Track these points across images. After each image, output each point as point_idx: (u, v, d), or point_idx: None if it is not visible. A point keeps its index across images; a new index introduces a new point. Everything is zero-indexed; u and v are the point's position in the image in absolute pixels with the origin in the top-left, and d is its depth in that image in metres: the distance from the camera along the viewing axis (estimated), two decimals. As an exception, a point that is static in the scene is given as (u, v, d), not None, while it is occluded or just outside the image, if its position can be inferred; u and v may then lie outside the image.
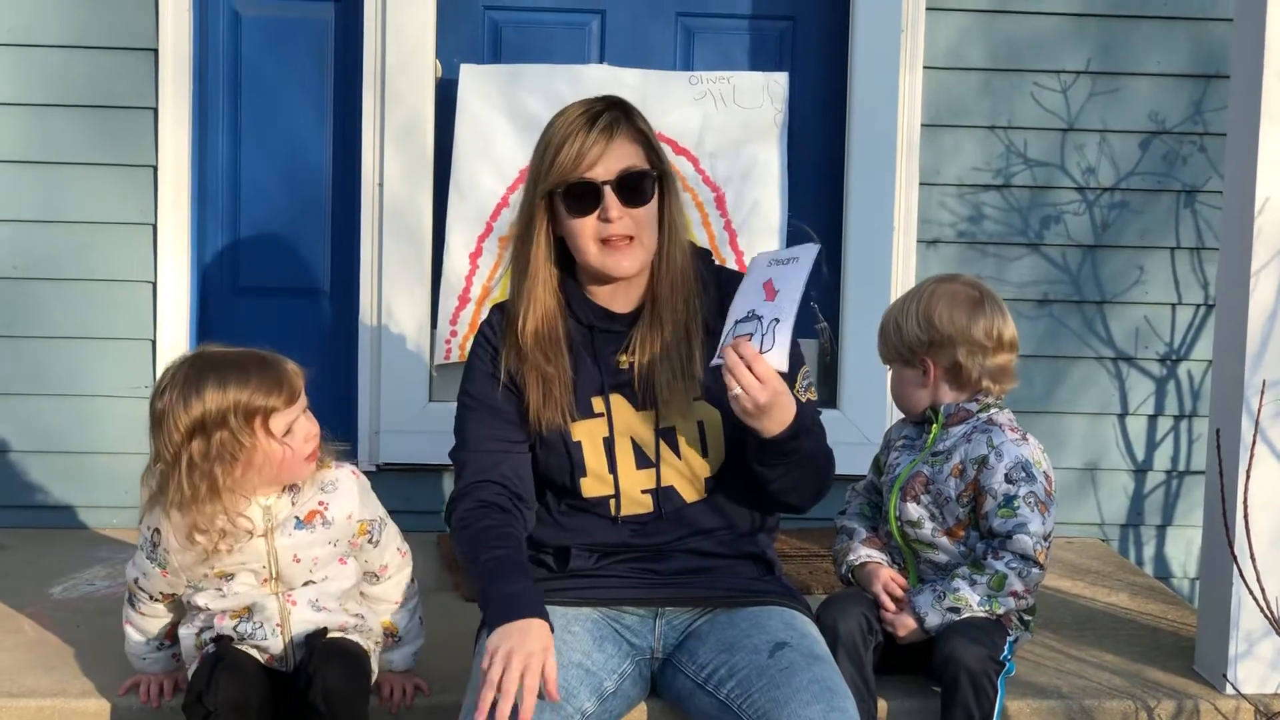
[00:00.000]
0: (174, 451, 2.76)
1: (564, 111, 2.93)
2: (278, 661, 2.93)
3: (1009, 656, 3.12)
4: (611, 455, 2.94)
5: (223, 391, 2.75)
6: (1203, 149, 4.52)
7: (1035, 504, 3.11)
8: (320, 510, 2.89)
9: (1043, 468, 3.17)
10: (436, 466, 4.34)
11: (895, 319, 3.25)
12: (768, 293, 2.79)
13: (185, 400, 2.75)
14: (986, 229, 4.52)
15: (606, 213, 2.86)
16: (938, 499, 3.19)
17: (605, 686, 2.83)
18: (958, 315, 3.18)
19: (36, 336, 4.38)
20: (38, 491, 4.41)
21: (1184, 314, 4.58)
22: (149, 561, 2.91)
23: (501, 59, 4.52)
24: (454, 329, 4.43)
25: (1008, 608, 3.13)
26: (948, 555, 3.20)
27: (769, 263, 2.83)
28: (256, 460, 2.79)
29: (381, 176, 4.39)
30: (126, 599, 3.04)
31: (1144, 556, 4.65)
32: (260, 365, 2.80)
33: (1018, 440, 3.18)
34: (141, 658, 3.08)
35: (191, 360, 2.82)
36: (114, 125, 4.35)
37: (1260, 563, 3.17)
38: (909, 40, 4.43)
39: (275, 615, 2.90)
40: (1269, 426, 3.26)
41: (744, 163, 4.45)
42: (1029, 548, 3.09)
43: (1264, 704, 3.24)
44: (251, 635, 2.91)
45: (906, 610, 3.14)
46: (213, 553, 2.82)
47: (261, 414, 2.77)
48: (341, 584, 2.95)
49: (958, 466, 3.18)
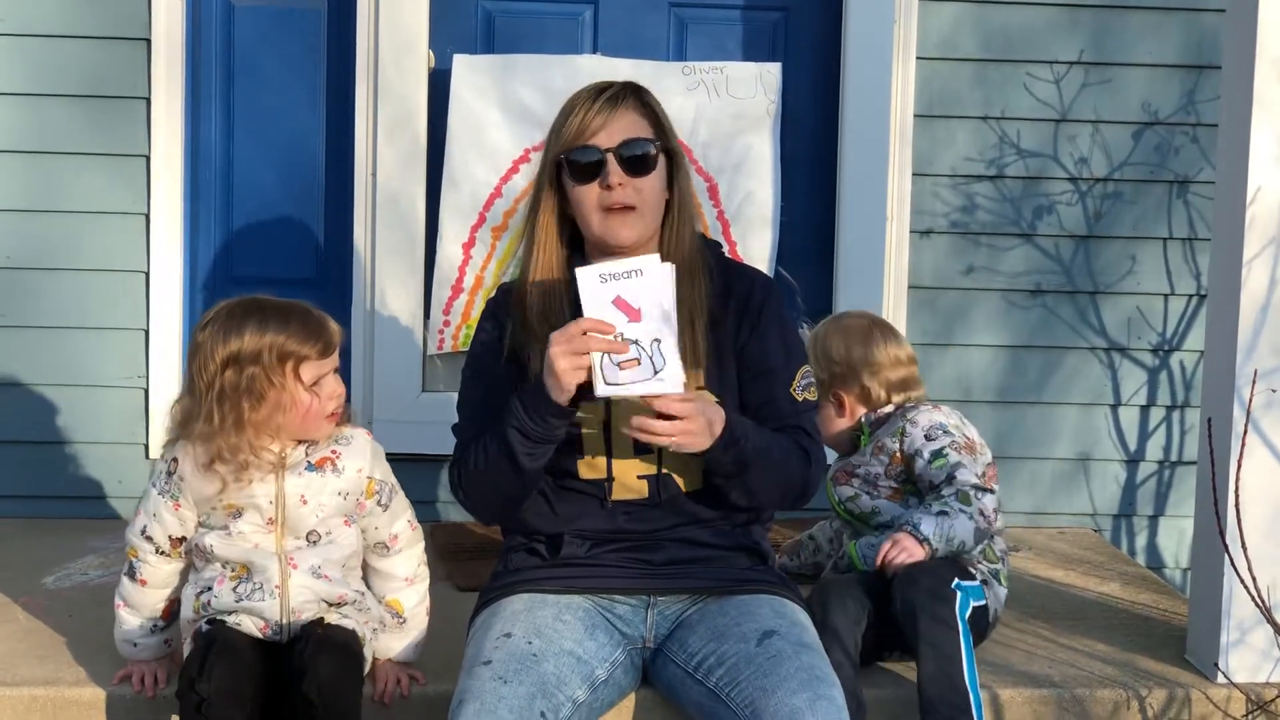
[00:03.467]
0: (207, 381, 2.87)
1: (577, 90, 2.99)
2: (273, 630, 2.94)
3: (980, 600, 3.19)
4: (609, 438, 2.95)
5: (262, 332, 2.87)
6: (1195, 139, 4.52)
7: (960, 448, 3.34)
8: (332, 459, 2.97)
9: (959, 427, 3.39)
10: (431, 456, 4.34)
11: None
12: (626, 312, 2.72)
13: (225, 334, 2.88)
14: (979, 219, 4.53)
15: (608, 179, 2.89)
16: (866, 478, 3.42)
17: (597, 675, 2.84)
18: (852, 345, 3.49)
19: (29, 326, 4.38)
20: (30, 481, 4.41)
21: (1176, 304, 4.59)
22: (161, 497, 2.96)
23: (495, 49, 4.51)
24: (447, 319, 4.43)
25: (980, 527, 3.24)
26: (892, 515, 3.38)
27: (600, 278, 2.72)
28: (284, 402, 2.88)
29: (375, 166, 4.39)
30: (124, 573, 3.04)
31: (1136, 546, 4.66)
32: (303, 315, 2.93)
33: (930, 410, 3.42)
34: (134, 643, 3.07)
35: (241, 300, 2.94)
36: (107, 115, 4.35)
37: (1252, 552, 3.18)
38: (902, 30, 4.43)
39: (275, 577, 2.92)
40: (1260, 416, 3.27)
41: (737, 153, 4.46)
42: (972, 479, 3.28)
43: (1255, 693, 3.25)
44: (249, 597, 2.92)
45: (903, 537, 3.20)
46: (231, 484, 2.89)
47: (294, 359, 2.88)
48: (344, 549, 2.98)
49: (877, 446, 3.41)
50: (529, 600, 2.92)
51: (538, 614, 2.87)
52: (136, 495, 3.17)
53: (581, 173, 2.92)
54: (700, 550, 2.99)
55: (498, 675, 2.70)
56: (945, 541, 3.19)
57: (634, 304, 2.71)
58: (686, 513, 2.98)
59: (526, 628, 2.83)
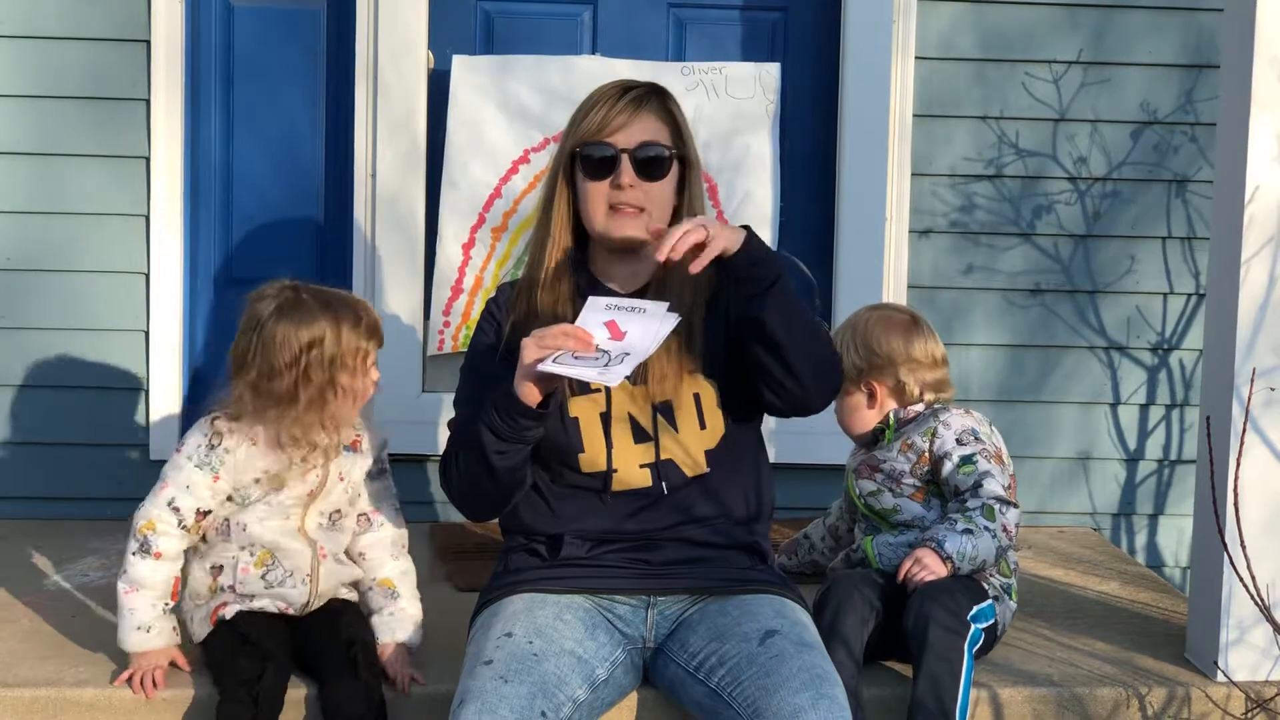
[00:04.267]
0: (286, 364, 3.03)
1: (603, 85, 3.02)
2: (295, 611, 3.15)
3: (989, 621, 3.18)
4: (608, 431, 2.95)
5: (338, 324, 3.06)
6: (1194, 139, 4.53)
7: (990, 458, 3.33)
8: (359, 439, 3.20)
9: (989, 433, 3.39)
10: (430, 457, 4.35)
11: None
12: (612, 331, 2.75)
13: (301, 322, 3.05)
14: (978, 219, 4.53)
15: (619, 179, 2.91)
16: (890, 474, 3.39)
17: (597, 674, 2.84)
18: (894, 338, 3.45)
19: (29, 328, 4.38)
20: (31, 482, 4.41)
21: (1175, 303, 4.59)
22: (199, 469, 3.06)
23: (494, 50, 4.52)
24: (447, 319, 4.43)
25: (1002, 546, 3.24)
26: (913, 514, 3.36)
27: (607, 306, 2.78)
28: (355, 389, 3.09)
29: (374, 167, 4.40)
30: (132, 553, 3.07)
31: (1135, 545, 4.66)
32: (365, 308, 3.15)
33: (962, 414, 3.40)
34: (147, 628, 3.08)
35: (305, 287, 3.12)
36: (106, 116, 4.35)
37: (1251, 550, 3.19)
38: (900, 30, 4.44)
39: (306, 566, 3.12)
40: (1259, 415, 3.27)
41: (736, 153, 4.46)
42: (999, 491, 3.27)
43: (1255, 691, 3.25)
44: (281, 583, 3.11)
45: (926, 554, 3.17)
46: (297, 463, 3.07)
47: (363, 352, 3.10)
48: (349, 531, 3.19)
49: (905, 443, 3.39)
50: (529, 600, 2.93)
51: (538, 614, 2.88)
52: (137, 496, 3.17)
53: (595, 168, 2.94)
54: (700, 550, 2.99)
55: (499, 675, 2.70)
56: (969, 561, 3.18)
57: (623, 328, 2.75)
58: (686, 511, 2.98)
59: (527, 628, 2.83)
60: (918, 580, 3.15)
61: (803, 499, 4.24)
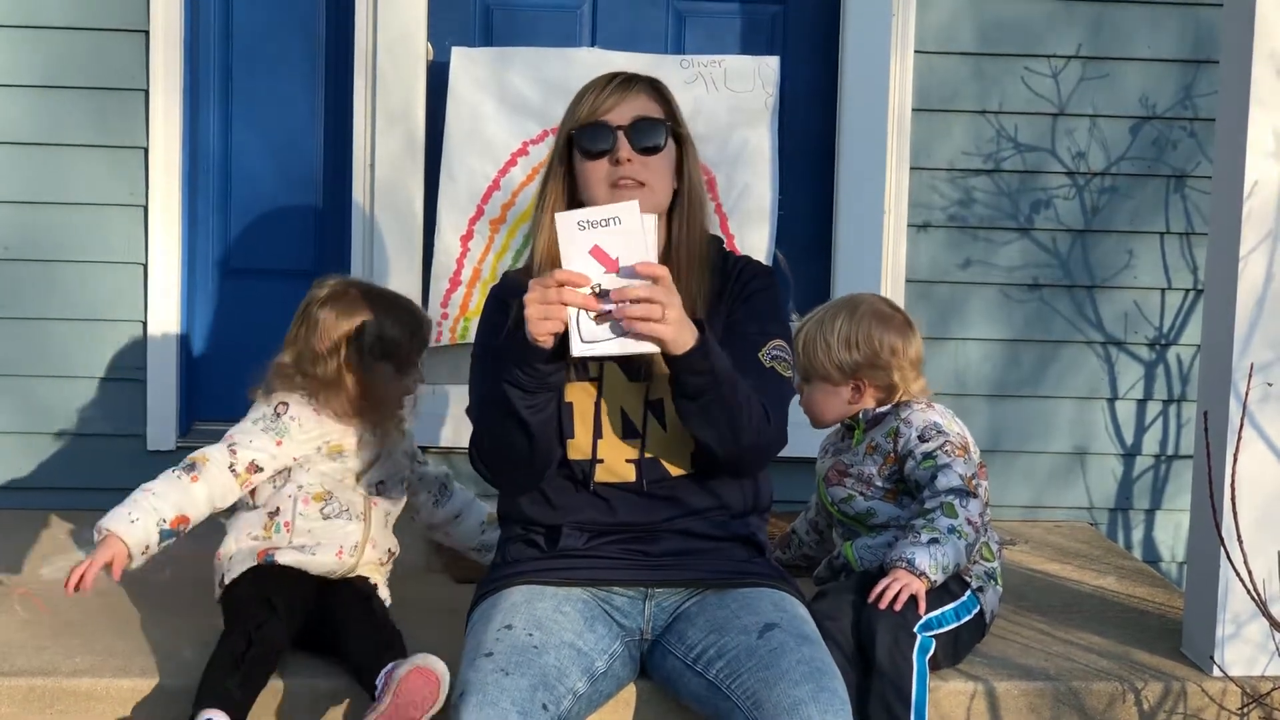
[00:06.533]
0: (329, 348, 3.24)
1: (593, 78, 3.03)
2: (346, 552, 3.27)
3: (949, 626, 3.16)
4: (598, 421, 2.95)
5: (378, 320, 3.27)
6: (1192, 134, 4.53)
7: (952, 450, 3.27)
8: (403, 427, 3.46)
9: (953, 427, 3.33)
10: (428, 449, 4.35)
11: (823, 339, 3.39)
12: (604, 262, 2.65)
13: (348, 314, 3.27)
14: (977, 213, 4.53)
15: (617, 154, 2.91)
16: (859, 478, 3.35)
17: (596, 666, 2.84)
18: (892, 338, 3.37)
19: (26, 317, 4.38)
20: (28, 472, 4.41)
21: (1173, 298, 4.59)
22: (266, 433, 3.24)
23: (493, 42, 4.52)
24: (445, 311, 4.43)
25: (969, 541, 3.18)
26: (888, 515, 3.32)
27: (580, 226, 2.65)
28: (400, 383, 3.32)
29: (373, 159, 4.39)
30: (172, 468, 3.20)
31: (1132, 540, 4.67)
32: (412, 312, 3.39)
33: (923, 409, 3.35)
34: (132, 519, 3.11)
35: (360, 285, 3.37)
36: (105, 107, 4.35)
37: (1247, 545, 3.19)
38: (899, 24, 4.44)
39: (360, 506, 3.29)
40: (1257, 410, 3.27)
41: (735, 146, 4.46)
42: (955, 481, 3.21)
43: (1251, 686, 3.26)
44: (338, 515, 3.26)
45: (900, 573, 3.12)
46: (370, 438, 3.30)
47: (404, 349, 3.31)
48: (399, 503, 3.44)
49: (870, 445, 3.35)
50: (528, 592, 2.93)
51: (537, 606, 2.88)
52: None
53: (593, 147, 2.93)
54: (697, 542, 2.99)
55: (500, 667, 2.70)
56: (942, 571, 3.14)
57: (611, 253, 2.66)
58: (682, 503, 2.98)
59: (527, 620, 2.83)
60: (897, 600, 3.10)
61: (799, 492, 4.24)
